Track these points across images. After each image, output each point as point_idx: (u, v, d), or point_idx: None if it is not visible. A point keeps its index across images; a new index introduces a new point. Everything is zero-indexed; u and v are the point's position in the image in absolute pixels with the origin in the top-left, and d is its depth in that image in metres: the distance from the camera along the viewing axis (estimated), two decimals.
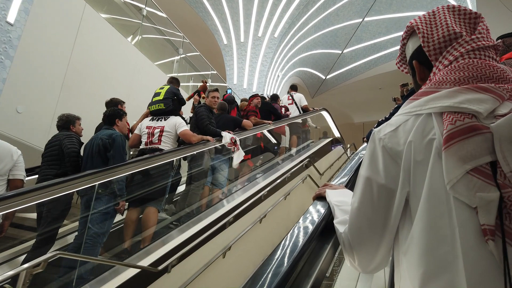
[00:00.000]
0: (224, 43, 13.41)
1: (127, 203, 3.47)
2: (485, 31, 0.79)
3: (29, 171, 3.59)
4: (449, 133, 0.64)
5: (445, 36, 0.78)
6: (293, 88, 8.20)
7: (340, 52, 16.32)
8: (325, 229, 1.26)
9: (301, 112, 7.84)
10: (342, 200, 1.10)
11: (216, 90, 4.89)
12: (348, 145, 12.43)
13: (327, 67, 17.31)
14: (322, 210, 1.28)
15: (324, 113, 9.92)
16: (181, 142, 4.06)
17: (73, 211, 3.31)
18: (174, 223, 3.72)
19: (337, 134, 10.70)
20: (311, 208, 1.35)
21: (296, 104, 7.87)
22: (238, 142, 4.58)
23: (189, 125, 4.71)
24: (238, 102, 7.27)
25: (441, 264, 0.61)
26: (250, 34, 13.02)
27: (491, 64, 0.73)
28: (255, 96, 6.64)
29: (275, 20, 12.65)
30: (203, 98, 5.48)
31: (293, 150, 7.45)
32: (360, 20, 14.40)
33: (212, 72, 10.69)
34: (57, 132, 3.74)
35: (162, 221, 3.75)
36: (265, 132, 6.41)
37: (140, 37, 7.35)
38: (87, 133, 3.93)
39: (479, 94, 0.67)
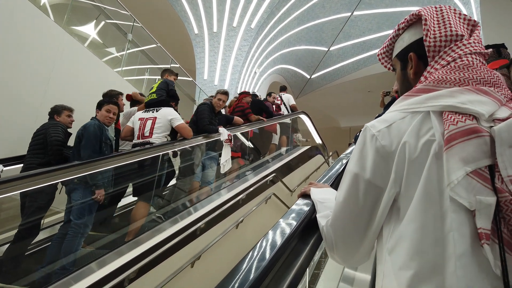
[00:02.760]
0: (195, 33, 12.22)
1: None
2: (479, 38, 0.82)
3: (17, 159, 3.80)
4: (450, 133, 0.65)
5: (447, 35, 0.80)
6: (282, 89, 8.46)
7: (326, 49, 15.61)
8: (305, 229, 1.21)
9: (290, 111, 8.09)
10: (326, 197, 1.11)
11: (225, 93, 4.98)
12: (331, 153, 11.63)
13: (312, 66, 16.58)
14: (306, 208, 1.27)
15: (303, 117, 9.14)
16: (173, 134, 4.18)
17: (61, 200, 3.32)
18: (157, 215, 3.85)
19: (318, 140, 10.02)
20: (294, 206, 1.34)
21: (284, 105, 8.16)
22: (232, 140, 4.77)
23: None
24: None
25: (432, 266, 0.63)
26: (224, 24, 11.92)
27: (487, 68, 0.76)
28: (247, 93, 6.74)
29: (252, 8, 11.51)
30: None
31: (269, 157, 7.04)
32: (349, 14, 13.56)
33: (174, 65, 9.37)
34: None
35: (149, 214, 3.77)
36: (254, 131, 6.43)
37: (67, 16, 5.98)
38: None
39: (480, 96, 0.70)
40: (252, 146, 6.68)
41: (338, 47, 15.81)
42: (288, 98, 8.31)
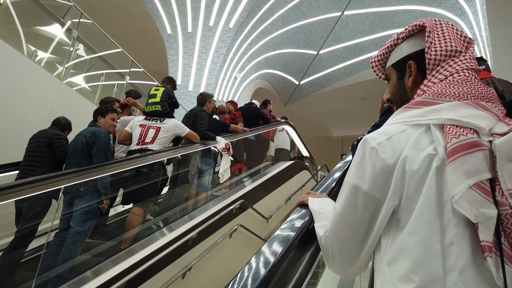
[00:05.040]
0: (168, 33, 11.26)
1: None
2: (473, 55, 0.87)
3: (13, 166, 3.78)
4: (453, 147, 0.68)
5: (448, 50, 0.83)
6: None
7: (315, 53, 14.87)
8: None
9: None
10: (324, 208, 1.14)
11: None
12: (319, 167, 10.79)
13: (300, 71, 15.85)
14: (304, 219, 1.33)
15: (287, 128, 8.54)
16: (174, 143, 4.35)
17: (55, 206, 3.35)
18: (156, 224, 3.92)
19: (304, 152, 9.43)
20: (293, 215, 1.40)
21: None
22: (231, 149, 4.90)
23: None
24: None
25: (433, 279, 0.65)
26: (199, 23, 10.99)
27: (483, 84, 0.81)
28: (231, 102, 6.97)
29: (230, 6, 10.57)
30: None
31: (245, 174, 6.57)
32: (339, 14, 12.72)
33: (137, 69, 8.33)
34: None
35: (146, 222, 3.87)
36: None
37: None
38: None
39: (479, 110, 0.74)
40: (232, 159, 5.88)
41: (328, 50, 15.09)
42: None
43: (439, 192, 0.68)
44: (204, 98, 4.95)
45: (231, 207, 4.45)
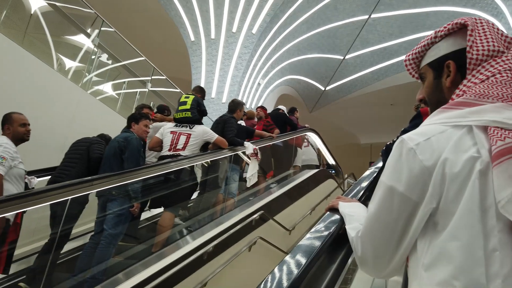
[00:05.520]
0: (191, 40, 11.31)
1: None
2: None
3: (49, 171, 3.93)
4: (499, 149, 0.66)
5: (490, 50, 0.81)
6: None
7: (342, 58, 14.62)
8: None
9: None
10: (356, 211, 1.13)
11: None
12: (346, 175, 10.51)
13: (326, 76, 15.56)
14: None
15: (312, 135, 8.28)
16: (203, 149, 4.47)
17: (91, 210, 3.51)
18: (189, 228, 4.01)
19: (330, 161, 9.19)
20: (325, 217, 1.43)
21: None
22: (259, 154, 5.03)
23: None
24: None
25: (475, 286, 0.64)
26: (222, 29, 10.99)
27: None
28: (262, 108, 7.01)
29: (253, 11, 10.50)
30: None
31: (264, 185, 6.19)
32: (366, 17, 12.46)
33: (159, 77, 8.35)
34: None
35: (176, 226, 3.95)
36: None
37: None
38: None
39: None
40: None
41: (355, 55, 14.83)
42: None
43: (482, 196, 0.66)
44: (235, 105, 5.10)
45: (250, 219, 4.25)
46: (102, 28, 6.78)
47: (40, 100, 5.25)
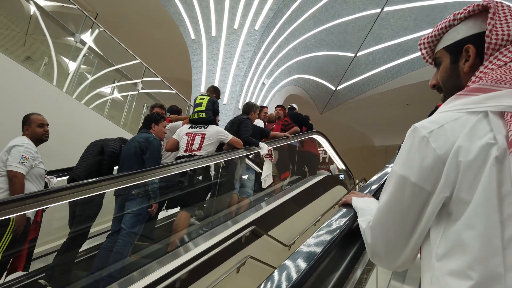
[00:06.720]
0: (191, 39, 11.00)
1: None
2: None
3: (67, 171, 4.00)
4: None
5: (510, 35, 0.80)
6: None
7: (353, 55, 14.21)
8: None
9: None
10: (369, 205, 1.14)
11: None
12: (357, 181, 10.12)
13: (337, 75, 15.13)
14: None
15: (318, 137, 7.89)
16: (218, 149, 4.60)
17: (107, 210, 3.65)
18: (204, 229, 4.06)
19: (340, 165, 8.79)
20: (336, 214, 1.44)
21: None
22: (273, 155, 5.26)
23: None
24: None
25: (492, 276, 0.64)
26: (223, 26, 10.64)
27: None
28: (280, 107, 7.17)
29: (256, 5, 10.06)
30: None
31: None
32: (378, 10, 12.01)
33: (154, 78, 7.95)
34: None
35: (191, 225, 4.05)
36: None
37: None
38: None
39: None
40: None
41: (367, 52, 14.39)
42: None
43: (499, 184, 0.66)
44: (249, 107, 5.28)
45: (240, 234, 3.91)
46: (91, 29, 6.41)
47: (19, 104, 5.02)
